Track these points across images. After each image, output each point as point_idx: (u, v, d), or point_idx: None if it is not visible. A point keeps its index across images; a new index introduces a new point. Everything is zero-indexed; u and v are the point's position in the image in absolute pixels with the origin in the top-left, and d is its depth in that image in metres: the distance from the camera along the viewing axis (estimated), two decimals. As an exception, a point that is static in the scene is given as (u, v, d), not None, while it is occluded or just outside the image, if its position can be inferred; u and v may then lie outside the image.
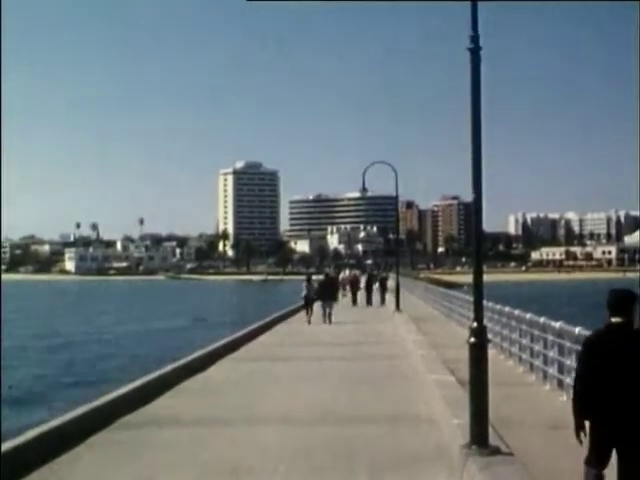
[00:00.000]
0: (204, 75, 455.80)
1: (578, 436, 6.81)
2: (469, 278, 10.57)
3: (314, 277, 42.22)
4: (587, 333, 11.87)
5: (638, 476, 6.65)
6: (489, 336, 10.86)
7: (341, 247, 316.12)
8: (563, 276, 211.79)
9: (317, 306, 36.28)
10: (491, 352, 11.41)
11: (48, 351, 42.41)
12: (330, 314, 35.34)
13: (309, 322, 34.76)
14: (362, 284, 54.07)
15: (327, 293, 36.61)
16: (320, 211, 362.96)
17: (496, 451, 9.44)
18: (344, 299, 51.14)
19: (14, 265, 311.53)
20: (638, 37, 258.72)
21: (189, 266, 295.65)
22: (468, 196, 10.14)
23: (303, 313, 37.33)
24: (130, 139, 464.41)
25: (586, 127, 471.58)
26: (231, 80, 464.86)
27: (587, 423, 6.82)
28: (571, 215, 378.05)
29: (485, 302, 16.40)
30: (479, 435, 9.55)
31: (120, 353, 40.35)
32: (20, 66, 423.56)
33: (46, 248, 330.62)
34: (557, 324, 14.03)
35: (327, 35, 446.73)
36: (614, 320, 6.77)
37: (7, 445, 9.87)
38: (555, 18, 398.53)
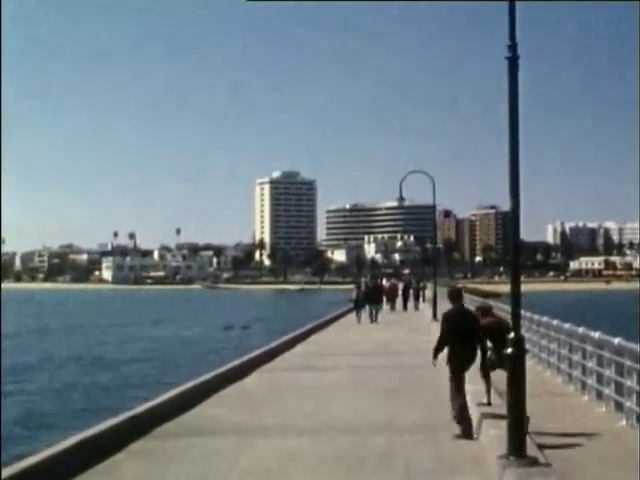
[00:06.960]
0: (241, 87, 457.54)
1: (434, 358, 12.28)
2: (507, 288, 10.51)
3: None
4: (627, 344, 11.83)
5: (462, 381, 12.25)
6: (527, 346, 10.79)
7: (378, 256, 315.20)
8: (603, 286, 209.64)
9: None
10: (529, 362, 11.33)
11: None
12: (377, 315, 42.47)
13: (359, 321, 41.35)
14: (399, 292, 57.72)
15: (374, 298, 43.65)
16: (357, 220, 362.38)
17: (534, 462, 9.37)
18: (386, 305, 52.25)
19: (52, 274, 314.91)
20: (638, 37, 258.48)
21: (226, 275, 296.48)
22: (506, 205, 10.09)
23: (339, 322, 42.83)
24: (167, 150, 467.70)
25: (626, 135, 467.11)
26: (268, 91, 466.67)
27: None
28: (610, 224, 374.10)
29: (523, 312, 16.33)
30: (517, 446, 9.49)
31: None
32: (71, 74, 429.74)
33: (84, 257, 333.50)
34: (596, 334, 13.87)
35: (362, 47, 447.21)
36: (456, 305, 12.39)
37: (46, 453, 9.96)
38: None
